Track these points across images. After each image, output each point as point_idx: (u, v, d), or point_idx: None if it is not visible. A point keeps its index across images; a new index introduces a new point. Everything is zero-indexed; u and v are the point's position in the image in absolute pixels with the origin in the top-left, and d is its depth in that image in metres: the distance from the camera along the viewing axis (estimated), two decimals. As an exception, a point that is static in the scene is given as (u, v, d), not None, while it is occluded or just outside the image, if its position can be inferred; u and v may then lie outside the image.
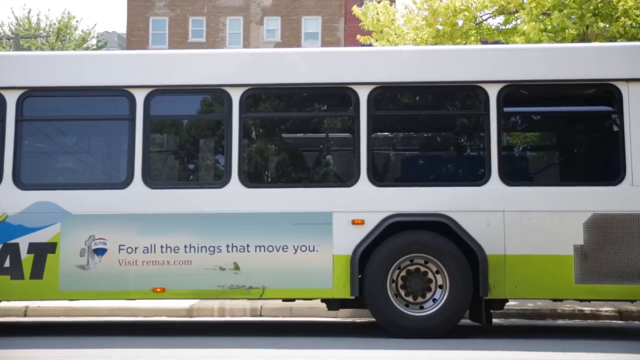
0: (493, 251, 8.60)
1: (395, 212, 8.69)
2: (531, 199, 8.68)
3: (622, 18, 13.01)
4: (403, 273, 8.79)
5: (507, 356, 7.75)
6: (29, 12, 47.95)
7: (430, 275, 8.78)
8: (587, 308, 11.55)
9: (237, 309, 11.32)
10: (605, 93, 8.90)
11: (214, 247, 8.66)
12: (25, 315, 11.35)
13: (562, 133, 9.57)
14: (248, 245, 8.66)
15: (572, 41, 13.26)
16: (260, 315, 11.31)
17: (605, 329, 10.29)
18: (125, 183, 8.84)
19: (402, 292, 8.78)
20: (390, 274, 8.69)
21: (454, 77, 8.97)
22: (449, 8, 14.22)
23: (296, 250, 8.64)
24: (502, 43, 15.03)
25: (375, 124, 8.91)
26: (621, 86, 8.78)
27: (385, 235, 8.67)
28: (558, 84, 8.95)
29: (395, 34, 15.44)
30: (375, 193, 8.74)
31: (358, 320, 11.13)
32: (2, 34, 44.86)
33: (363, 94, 8.88)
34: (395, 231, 8.68)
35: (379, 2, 16.21)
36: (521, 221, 8.62)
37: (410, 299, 8.77)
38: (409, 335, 8.56)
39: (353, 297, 8.65)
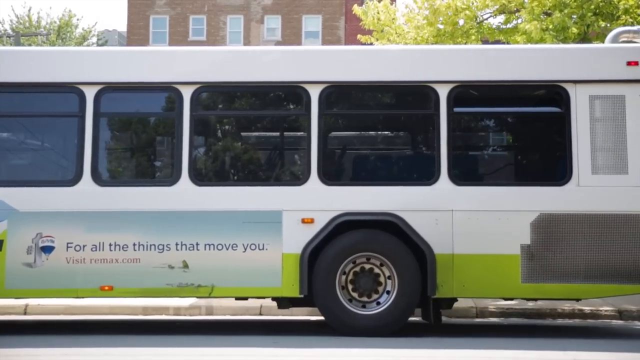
0: (441, 250, 8.64)
1: (345, 211, 8.70)
2: (480, 198, 8.73)
3: (623, 17, 13.01)
4: (354, 271, 8.79)
5: (507, 355, 7.75)
6: (29, 10, 47.94)
7: (379, 275, 8.78)
8: (586, 308, 11.55)
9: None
10: (554, 94, 8.97)
11: (163, 245, 8.64)
12: (25, 314, 11.34)
13: (511, 133, 9.67)
14: (197, 244, 8.64)
15: (574, 40, 13.27)
16: (261, 314, 11.31)
17: (605, 329, 10.28)
18: (74, 180, 8.80)
19: (352, 291, 8.77)
20: (340, 273, 8.71)
21: (404, 77, 9.01)
22: (450, 7, 14.22)
23: (245, 249, 8.64)
24: (503, 42, 15.04)
25: (326, 123, 8.94)
26: (569, 87, 8.84)
27: (334, 234, 8.68)
28: (508, 84, 9.01)
29: (396, 33, 15.44)
30: (325, 192, 8.75)
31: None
32: (2, 31, 44.85)
33: (314, 93, 8.89)
34: (345, 230, 8.69)
35: (379, 1, 16.21)
36: (469, 221, 8.66)
37: (360, 297, 8.76)
38: (358, 334, 8.56)
39: (302, 296, 8.66)
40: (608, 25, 13.54)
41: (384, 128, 9.61)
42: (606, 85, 8.83)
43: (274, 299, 9.19)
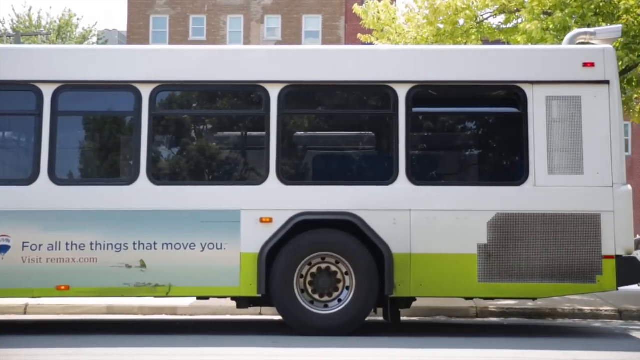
0: (399, 250, 8.66)
1: (303, 211, 8.72)
2: (437, 198, 8.78)
3: (624, 17, 13.00)
4: (312, 271, 8.79)
5: (507, 355, 7.74)
6: (29, 10, 47.93)
7: (338, 274, 8.79)
8: (587, 308, 11.56)
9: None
10: (511, 95, 9.02)
11: (120, 244, 8.63)
12: (25, 313, 11.34)
13: (470, 134, 9.69)
14: (155, 243, 8.64)
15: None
16: (261, 314, 11.30)
17: (605, 329, 10.28)
18: (30, 179, 8.76)
19: (311, 291, 8.78)
20: (298, 272, 8.71)
21: (364, 77, 9.03)
22: (450, 7, 14.21)
23: (203, 248, 8.64)
24: (503, 42, 15.03)
25: (285, 122, 8.96)
26: (526, 88, 8.89)
27: (293, 233, 8.68)
28: (466, 85, 9.06)
29: (396, 32, 15.43)
30: (283, 191, 8.76)
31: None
32: (2, 31, 44.85)
33: (274, 92, 8.89)
34: (304, 230, 8.70)
35: (380, 1, 16.20)
36: (427, 220, 8.70)
37: (318, 297, 8.77)
38: (316, 333, 8.56)
39: (260, 296, 8.66)
40: (608, 25, 13.53)
41: (343, 128, 9.61)
42: (563, 86, 8.90)
43: (233, 298, 9.17)
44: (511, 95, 9.02)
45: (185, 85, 9.09)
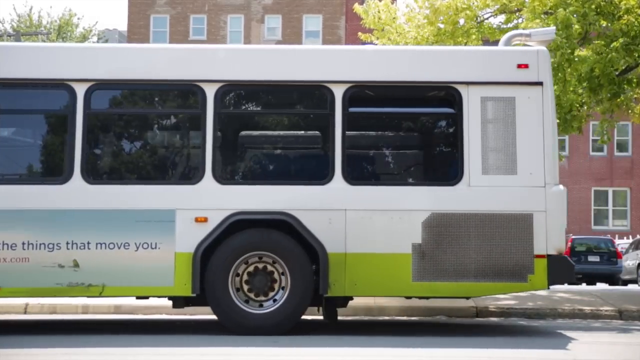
0: (334, 249, 8.67)
1: (238, 210, 8.71)
2: (373, 198, 8.80)
3: (625, 17, 13.00)
4: (249, 270, 8.78)
5: (507, 354, 7.74)
6: (30, 9, 47.91)
7: (275, 274, 8.79)
8: (587, 308, 11.56)
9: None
10: (447, 95, 9.07)
11: (53, 244, 8.57)
12: (25, 313, 11.34)
13: (406, 134, 9.74)
14: (89, 243, 8.60)
15: (576, 39, 13.25)
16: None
17: (605, 329, 10.28)
18: None
19: (247, 290, 8.77)
20: (233, 272, 8.69)
21: (300, 76, 9.04)
22: (450, 7, 14.22)
23: (138, 248, 8.61)
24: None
25: (221, 122, 8.95)
26: (461, 89, 8.93)
27: (228, 233, 8.66)
28: (402, 85, 9.10)
29: (397, 32, 15.42)
30: (219, 191, 8.75)
31: (357, 318, 11.13)
32: (3, 30, 44.84)
33: (210, 91, 8.88)
34: (239, 229, 8.69)
35: (380, 1, 16.19)
36: (362, 220, 8.72)
37: (254, 296, 8.76)
38: (250, 332, 8.55)
39: (194, 295, 8.63)
40: (609, 25, 13.53)
41: (280, 127, 9.63)
42: (497, 87, 8.94)
43: (169, 298, 9.14)
44: (447, 96, 9.07)
45: (121, 83, 9.05)
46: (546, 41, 9.53)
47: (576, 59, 13.34)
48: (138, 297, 9.61)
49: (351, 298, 9.41)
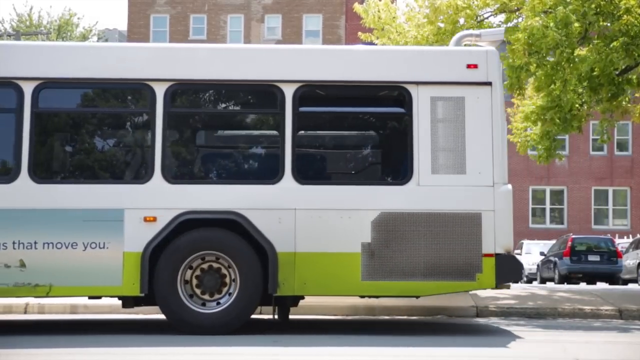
0: (283, 249, 8.68)
1: (187, 210, 8.69)
2: (322, 197, 8.81)
3: (625, 16, 12.99)
4: (200, 269, 8.77)
5: (507, 354, 7.75)
6: (30, 9, 47.89)
7: (224, 273, 8.78)
8: (587, 307, 11.56)
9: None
10: (397, 95, 9.08)
11: None
12: (25, 313, 11.34)
13: (356, 133, 9.76)
14: (35, 242, 8.55)
15: (576, 38, 13.24)
16: (261, 313, 11.29)
17: (605, 328, 10.27)
18: None
19: (197, 289, 8.75)
20: (182, 271, 8.67)
21: (250, 76, 9.04)
22: (450, 6, 14.22)
23: (86, 247, 8.58)
24: (503, 41, 15.00)
25: (171, 121, 8.93)
26: (411, 89, 8.95)
27: (178, 232, 8.65)
28: (353, 85, 9.10)
29: (397, 31, 15.43)
30: (168, 190, 8.73)
31: (356, 317, 11.13)
32: (3, 30, 44.83)
33: (160, 90, 8.86)
34: (189, 229, 8.67)
35: (380, 0, 16.19)
36: (312, 219, 8.72)
37: (201, 294, 8.74)
38: (200, 332, 8.54)
39: (143, 295, 8.61)
40: (609, 24, 13.52)
41: (230, 127, 9.63)
42: (447, 87, 8.97)
43: (119, 298, 9.11)
44: (397, 96, 9.09)
45: (69, 82, 8.98)
46: (496, 41, 9.59)
47: (576, 59, 13.34)
48: (90, 297, 9.54)
49: (302, 297, 9.44)
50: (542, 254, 30.59)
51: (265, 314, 10.28)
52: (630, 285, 24.05)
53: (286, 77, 8.95)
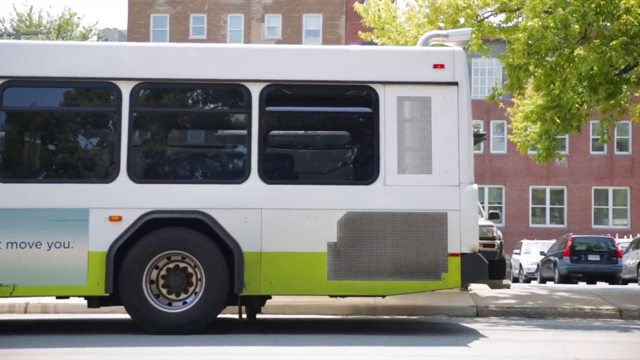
0: (249, 248, 8.67)
1: (153, 209, 8.67)
2: (289, 197, 8.81)
3: (624, 16, 12.98)
4: (166, 269, 8.75)
5: (507, 354, 7.75)
6: (30, 9, 47.88)
7: (191, 273, 8.76)
8: (587, 307, 11.56)
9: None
10: (364, 95, 9.08)
11: None
12: (25, 312, 11.34)
13: (322, 133, 9.76)
14: None
15: (575, 39, 13.25)
16: (261, 313, 11.29)
17: (605, 328, 10.27)
18: None
19: (164, 290, 8.74)
20: (148, 271, 8.66)
21: (217, 75, 9.02)
22: (450, 5, 14.22)
23: (50, 247, 8.54)
24: (504, 41, 15.03)
25: (137, 120, 8.92)
26: (378, 88, 8.95)
27: (143, 232, 8.63)
28: (319, 84, 9.09)
29: (397, 31, 15.42)
30: (134, 190, 8.72)
31: (357, 317, 11.13)
32: (3, 30, 44.83)
33: (125, 90, 8.84)
34: (155, 228, 8.65)
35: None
36: (278, 219, 8.72)
37: (167, 294, 8.73)
38: (165, 332, 8.51)
39: (108, 295, 8.59)
40: (608, 24, 13.52)
41: (197, 126, 9.61)
42: (414, 86, 8.97)
43: (84, 297, 9.08)
44: (363, 95, 9.08)
45: (33, 81, 8.91)
46: (463, 42, 9.59)
47: (576, 59, 13.34)
48: (58, 297, 9.47)
49: (269, 297, 9.44)
50: (542, 253, 30.59)
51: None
52: (630, 285, 24.05)
53: (253, 77, 8.94)
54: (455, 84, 8.95)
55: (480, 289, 14.08)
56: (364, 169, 9.12)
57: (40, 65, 8.90)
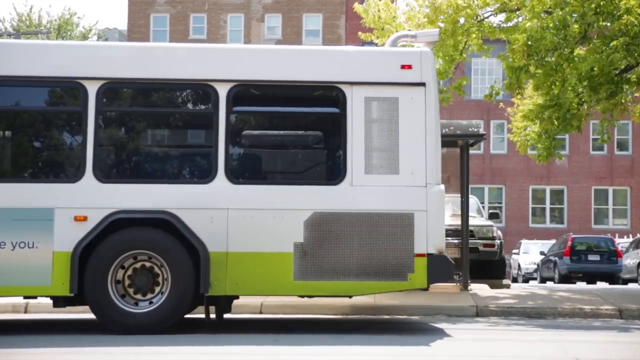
0: (216, 248, 8.66)
1: (119, 209, 8.65)
2: (255, 197, 8.80)
3: (624, 16, 12.98)
4: (132, 269, 8.73)
5: (507, 353, 7.75)
6: (30, 9, 47.88)
7: (157, 273, 8.74)
8: (587, 307, 11.55)
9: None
10: (331, 95, 9.07)
11: None
12: (25, 313, 11.33)
13: (290, 133, 9.74)
14: None
15: (574, 38, 13.25)
16: (261, 312, 11.31)
17: (605, 327, 10.27)
18: None
19: (130, 289, 8.72)
20: (113, 271, 8.63)
21: (184, 75, 9.01)
22: (450, 5, 14.21)
23: (14, 247, 8.52)
24: (504, 41, 15.03)
25: (103, 120, 8.91)
26: (345, 89, 8.95)
27: (109, 232, 8.60)
28: (287, 85, 9.10)
29: (397, 31, 15.40)
30: (99, 190, 8.70)
31: (357, 317, 11.13)
32: (3, 30, 44.84)
33: (92, 89, 8.82)
34: (121, 228, 8.63)
35: (380, 0, 16.18)
36: (244, 219, 8.71)
37: (134, 294, 8.71)
38: (131, 331, 8.50)
39: (73, 295, 8.56)
40: (608, 24, 13.52)
41: (164, 126, 9.61)
42: (381, 87, 8.97)
43: (50, 297, 9.05)
44: (331, 96, 9.07)
45: (6, 80, 8.86)
46: (432, 42, 9.59)
47: (576, 59, 13.34)
48: (25, 297, 9.42)
49: (237, 297, 9.44)
50: (542, 253, 30.60)
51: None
52: (630, 285, 24.06)
53: (220, 77, 8.93)
54: (423, 84, 8.94)
55: (481, 289, 14.08)
56: (331, 169, 9.15)
57: (6, 64, 8.87)
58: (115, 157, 9.26)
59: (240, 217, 8.70)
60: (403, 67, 8.96)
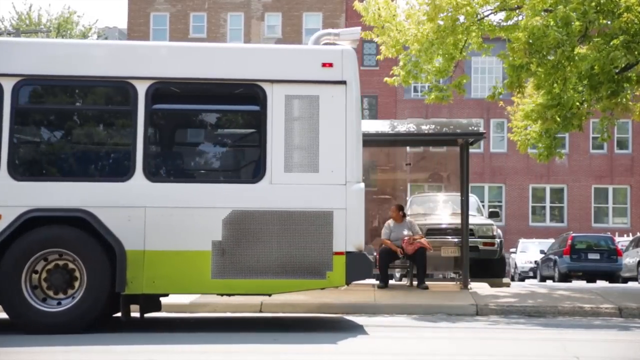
0: (132, 247, 8.61)
1: (34, 207, 8.59)
2: (173, 195, 8.77)
3: (625, 14, 12.98)
4: (48, 268, 8.65)
5: (507, 352, 7.75)
6: (30, 7, 47.87)
7: (75, 271, 8.68)
8: (587, 305, 11.55)
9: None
10: (251, 93, 9.05)
11: None
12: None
13: (209, 131, 9.73)
14: None
15: (576, 36, 13.24)
16: (261, 311, 11.30)
17: (605, 326, 10.27)
18: None
19: (46, 288, 8.64)
20: (27, 270, 8.56)
21: (103, 72, 8.97)
22: (450, 3, 14.21)
23: None
24: (504, 39, 15.02)
25: (19, 117, 8.85)
26: (266, 87, 8.93)
27: (24, 230, 8.54)
28: (207, 82, 9.07)
29: (397, 29, 15.41)
30: (14, 187, 8.65)
31: (356, 316, 11.13)
32: (3, 28, 44.83)
33: (7, 86, 8.78)
34: (36, 226, 8.56)
35: (380, -2, 16.16)
36: (162, 217, 8.68)
37: (54, 294, 8.64)
38: (46, 331, 8.41)
39: None
40: (609, 22, 13.52)
41: (81, 123, 9.52)
42: (302, 85, 8.96)
43: None
44: (251, 94, 9.04)
45: None
46: (353, 41, 9.59)
47: (576, 57, 13.33)
48: None
49: (166, 295, 9.42)
50: (542, 252, 30.61)
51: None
52: (630, 284, 24.05)
53: (139, 74, 8.90)
54: (344, 82, 8.92)
55: (480, 288, 14.08)
56: (251, 168, 9.14)
57: None
58: (30, 154, 9.19)
59: (158, 216, 8.67)
60: (324, 65, 8.94)
